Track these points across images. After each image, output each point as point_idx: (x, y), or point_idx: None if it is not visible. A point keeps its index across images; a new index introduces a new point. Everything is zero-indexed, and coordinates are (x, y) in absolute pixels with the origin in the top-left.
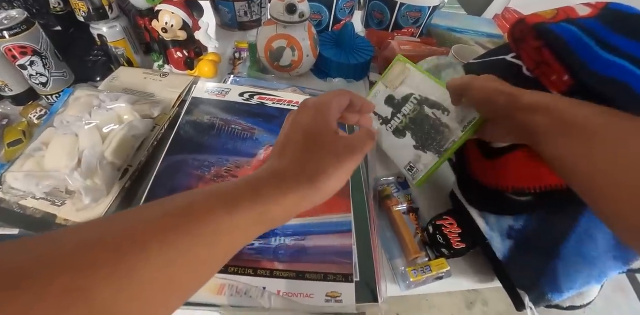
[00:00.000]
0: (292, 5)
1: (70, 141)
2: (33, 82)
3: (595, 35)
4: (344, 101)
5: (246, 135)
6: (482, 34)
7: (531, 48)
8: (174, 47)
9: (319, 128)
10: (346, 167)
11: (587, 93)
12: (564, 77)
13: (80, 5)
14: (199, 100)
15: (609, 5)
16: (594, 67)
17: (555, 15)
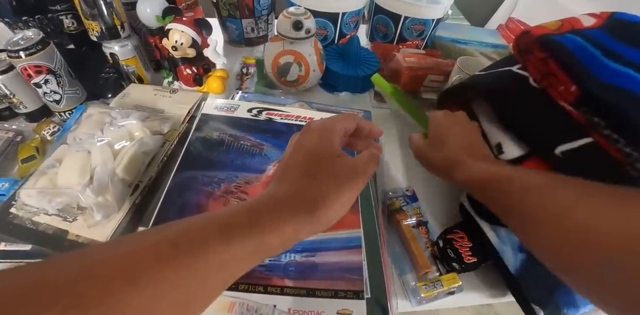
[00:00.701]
0: (299, 22)
1: (83, 158)
2: (47, 99)
3: (601, 44)
4: (350, 125)
5: (255, 151)
6: (486, 44)
7: (537, 59)
8: (183, 64)
9: (322, 151)
10: (348, 193)
11: (594, 103)
12: (571, 88)
13: (93, 25)
14: (208, 117)
15: (614, 14)
16: (601, 77)
17: (560, 26)
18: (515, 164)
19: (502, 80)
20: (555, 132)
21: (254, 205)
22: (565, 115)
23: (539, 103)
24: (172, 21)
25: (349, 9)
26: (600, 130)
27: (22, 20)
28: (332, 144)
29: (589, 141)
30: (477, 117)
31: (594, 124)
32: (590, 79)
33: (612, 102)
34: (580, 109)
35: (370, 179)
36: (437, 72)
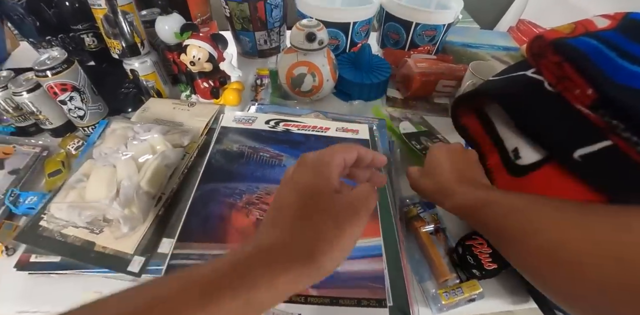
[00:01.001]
0: (312, 34)
1: (109, 172)
2: (71, 115)
3: (616, 46)
4: (350, 156)
5: (274, 162)
6: (497, 47)
7: (551, 63)
8: (200, 78)
9: (318, 188)
10: (349, 234)
11: (612, 105)
12: (587, 91)
13: (115, 43)
14: (228, 129)
15: (629, 15)
16: (617, 79)
17: (574, 29)
18: (533, 169)
19: (517, 84)
20: (573, 135)
21: (240, 258)
22: (583, 118)
23: (555, 107)
24: (190, 37)
25: (360, 19)
26: (619, 132)
27: (45, 40)
28: (329, 179)
29: (609, 144)
30: (493, 122)
31: (613, 127)
32: (606, 81)
33: (630, 104)
34: (598, 112)
35: (387, 187)
36: (449, 77)
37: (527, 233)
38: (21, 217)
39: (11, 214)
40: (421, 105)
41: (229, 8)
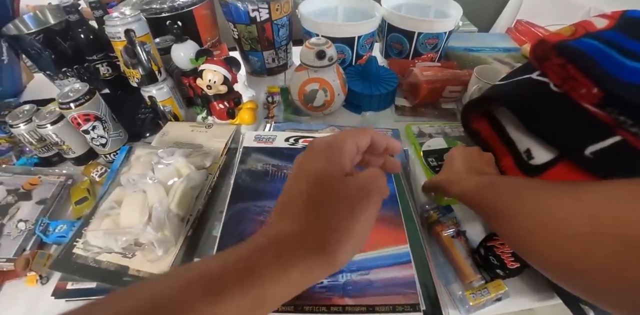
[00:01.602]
0: (322, 52)
1: (141, 198)
2: (94, 143)
3: (616, 44)
4: (363, 141)
5: None
6: (498, 49)
7: (555, 65)
8: (215, 100)
9: (328, 174)
10: (363, 219)
11: (618, 102)
12: (593, 90)
13: (134, 73)
14: (250, 149)
15: (625, 13)
16: (621, 76)
17: (574, 31)
18: (546, 168)
19: (523, 87)
20: (582, 133)
21: (249, 252)
22: (591, 116)
23: (563, 107)
24: (205, 62)
25: (364, 32)
26: (627, 128)
27: (61, 71)
28: (340, 165)
29: (619, 139)
30: (503, 125)
31: (621, 123)
32: (610, 79)
33: (635, 100)
34: (605, 109)
35: (408, 195)
36: (455, 83)
37: (523, 211)
38: (51, 245)
39: (42, 243)
40: (430, 111)
41: (237, 30)
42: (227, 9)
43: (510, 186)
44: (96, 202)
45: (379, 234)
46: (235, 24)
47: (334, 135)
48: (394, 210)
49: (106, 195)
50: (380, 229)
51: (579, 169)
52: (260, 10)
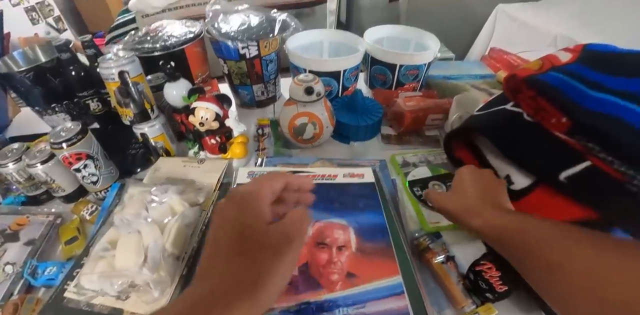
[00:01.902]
0: (310, 88)
1: (136, 239)
2: (85, 181)
3: (580, 77)
4: (278, 185)
5: None
6: (475, 76)
7: (527, 97)
8: (207, 135)
9: (250, 223)
10: (287, 262)
11: (585, 130)
12: (562, 119)
13: (127, 111)
14: None
15: (586, 47)
16: (587, 106)
17: (541, 65)
18: (526, 193)
19: (499, 118)
20: (556, 160)
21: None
22: (562, 143)
23: (537, 135)
24: (197, 100)
25: (349, 66)
26: (595, 153)
27: (50, 107)
28: (259, 213)
29: (589, 164)
30: (484, 153)
31: (590, 149)
32: (577, 109)
33: (600, 127)
34: (574, 137)
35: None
36: (437, 111)
37: (554, 265)
38: (40, 288)
39: (30, 287)
40: (414, 139)
41: (227, 66)
42: (217, 46)
43: (552, 236)
44: (87, 242)
45: (373, 266)
46: (226, 60)
47: (251, 184)
48: (385, 241)
49: (98, 235)
50: (374, 262)
51: (556, 192)
52: (249, 47)
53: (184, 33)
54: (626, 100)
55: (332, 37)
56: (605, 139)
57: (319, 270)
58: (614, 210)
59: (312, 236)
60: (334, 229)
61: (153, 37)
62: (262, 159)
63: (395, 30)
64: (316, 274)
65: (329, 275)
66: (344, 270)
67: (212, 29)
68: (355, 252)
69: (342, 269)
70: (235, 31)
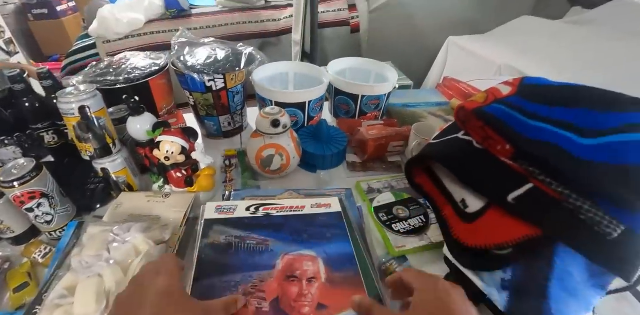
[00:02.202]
0: (276, 120)
1: (96, 283)
2: (38, 221)
3: (520, 108)
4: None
5: (262, 249)
6: (431, 104)
7: (476, 127)
8: (172, 169)
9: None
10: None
11: (526, 156)
12: (506, 146)
13: (87, 146)
14: (211, 222)
15: (523, 81)
16: (526, 134)
17: (486, 98)
18: (480, 214)
19: (452, 145)
20: (503, 183)
21: None
22: (508, 168)
23: (486, 161)
24: (162, 133)
25: (314, 98)
26: (536, 176)
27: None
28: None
29: (531, 186)
30: (440, 179)
31: (531, 173)
32: (518, 137)
33: (539, 153)
34: (517, 162)
35: (364, 253)
36: (398, 138)
37: None
38: None
39: None
40: (378, 165)
41: (193, 98)
42: (183, 79)
43: None
44: (40, 288)
45: (343, 296)
46: (192, 92)
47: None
48: (354, 270)
49: (55, 280)
50: (344, 291)
51: (506, 213)
52: (216, 80)
53: (148, 65)
54: (560, 128)
55: (297, 68)
56: (543, 163)
57: (291, 304)
58: (555, 226)
59: (282, 270)
60: (304, 261)
61: (116, 69)
62: (230, 192)
63: (357, 62)
64: (287, 308)
65: (300, 308)
66: (314, 302)
67: (177, 61)
68: (325, 282)
69: (312, 301)
70: (201, 64)
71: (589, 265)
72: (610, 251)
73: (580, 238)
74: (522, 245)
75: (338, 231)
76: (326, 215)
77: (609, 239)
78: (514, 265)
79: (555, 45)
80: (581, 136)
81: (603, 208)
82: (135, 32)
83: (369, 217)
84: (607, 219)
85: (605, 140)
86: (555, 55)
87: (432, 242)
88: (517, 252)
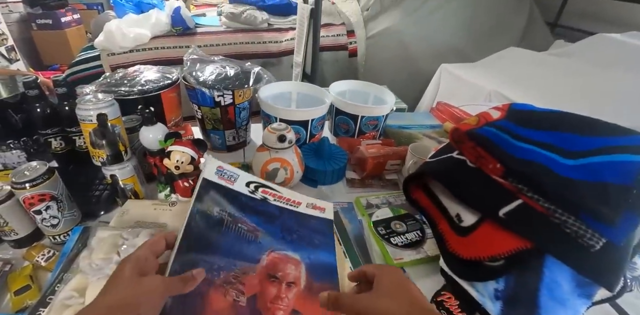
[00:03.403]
0: (283, 136)
1: None
2: (44, 224)
3: (508, 130)
4: (159, 247)
5: (251, 238)
6: (426, 126)
7: (469, 147)
8: (180, 179)
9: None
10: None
11: (515, 174)
12: (496, 165)
13: (100, 153)
14: (209, 184)
15: (511, 106)
16: (515, 154)
17: (478, 121)
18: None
19: (448, 164)
20: (495, 199)
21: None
22: (499, 185)
23: (479, 178)
24: (173, 143)
25: (316, 116)
26: (525, 193)
27: (5, 144)
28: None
29: (521, 202)
30: (436, 194)
31: (520, 189)
32: (507, 157)
33: (525, 171)
34: (507, 179)
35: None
36: (395, 157)
37: None
38: None
39: None
40: (376, 182)
41: (201, 111)
42: (193, 93)
43: None
44: (43, 291)
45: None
46: (200, 106)
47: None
48: (333, 283)
49: (59, 283)
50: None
51: (499, 227)
52: (225, 96)
53: (160, 78)
54: (546, 149)
55: (300, 88)
56: (531, 181)
57: (266, 305)
58: (543, 239)
59: (266, 266)
60: (287, 264)
61: (130, 80)
62: None
63: (357, 85)
64: (263, 308)
65: (275, 310)
66: (289, 307)
67: (189, 76)
68: (303, 289)
69: (288, 305)
70: (212, 80)
71: (575, 275)
72: (594, 262)
73: (566, 250)
74: (513, 257)
75: (326, 240)
76: (318, 220)
77: (592, 251)
78: (506, 276)
79: (539, 75)
80: (564, 157)
81: (585, 222)
82: (140, 47)
83: (368, 230)
84: (590, 232)
85: (586, 161)
86: (539, 84)
87: (429, 255)
88: (509, 264)
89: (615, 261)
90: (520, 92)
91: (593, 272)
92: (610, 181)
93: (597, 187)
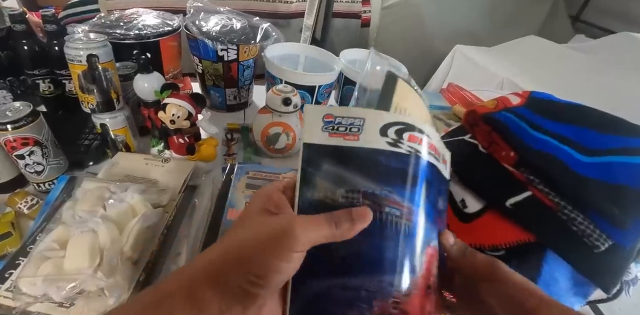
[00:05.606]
0: (288, 99)
1: (90, 239)
2: (27, 170)
3: (527, 119)
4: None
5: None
6: (434, 107)
7: (483, 131)
8: (175, 134)
9: (242, 215)
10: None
11: (528, 164)
12: (510, 153)
13: (89, 98)
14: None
15: (532, 94)
16: (530, 144)
17: (496, 105)
18: (478, 215)
19: (458, 147)
20: (503, 188)
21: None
22: (510, 174)
23: (489, 165)
24: (169, 96)
25: (324, 83)
26: (535, 185)
27: None
28: (252, 205)
29: (529, 194)
30: None
31: (531, 181)
32: (522, 146)
33: (539, 163)
34: (519, 169)
35: None
36: None
37: None
38: None
39: None
40: None
41: (202, 65)
42: (195, 44)
43: None
44: (24, 240)
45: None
46: (201, 60)
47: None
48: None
49: (41, 232)
50: None
51: (503, 217)
52: (229, 50)
53: (160, 24)
54: (563, 143)
55: (308, 52)
56: (544, 173)
57: None
58: (547, 234)
59: (425, 275)
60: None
61: (127, 23)
62: (234, 164)
63: None
64: None
65: None
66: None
67: (191, 25)
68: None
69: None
70: (216, 32)
71: (574, 274)
72: (595, 263)
73: (569, 247)
74: (515, 248)
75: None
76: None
77: (595, 252)
78: None
79: (557, 68)
80: (581, 153)
81: (594, 222)
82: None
83: None
84: (597, 233)
85: (603, 160)
86: (556, 78)
87: None
88: (509, 255)
89: (617, 264)
90: (534, 84)
91: (593, 272)
92: (627, 184)
93: (612, 189)
